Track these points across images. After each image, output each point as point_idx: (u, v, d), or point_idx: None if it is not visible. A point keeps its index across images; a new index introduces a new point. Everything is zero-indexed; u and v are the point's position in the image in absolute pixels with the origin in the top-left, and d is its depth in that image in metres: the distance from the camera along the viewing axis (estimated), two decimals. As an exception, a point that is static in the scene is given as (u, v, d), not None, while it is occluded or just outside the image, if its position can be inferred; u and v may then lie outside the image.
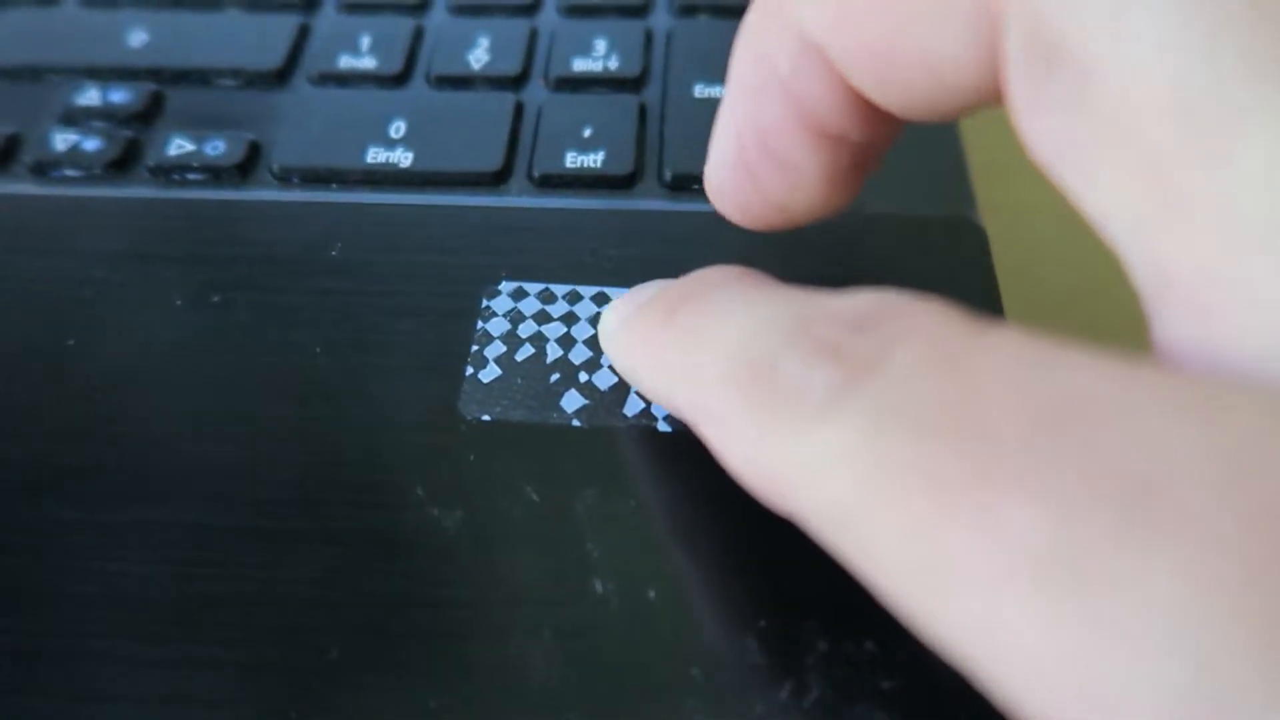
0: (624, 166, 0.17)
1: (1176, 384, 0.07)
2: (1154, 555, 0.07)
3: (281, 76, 0.20)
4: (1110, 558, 0.07)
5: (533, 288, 0.16)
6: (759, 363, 0.10)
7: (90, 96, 0.19)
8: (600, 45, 0.20)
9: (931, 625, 0.08)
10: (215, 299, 0.16)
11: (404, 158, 0.18)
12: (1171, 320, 0.08)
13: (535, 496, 0.13)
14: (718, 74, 0.18)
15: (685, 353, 0.11)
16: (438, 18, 0.21)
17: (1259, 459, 0.07)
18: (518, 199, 0.17)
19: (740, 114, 0.12)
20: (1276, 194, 0.07)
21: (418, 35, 0.20)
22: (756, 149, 0.12)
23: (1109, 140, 0.08)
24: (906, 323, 0.09)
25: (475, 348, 0.15)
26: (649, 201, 0.17)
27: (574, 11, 0.21)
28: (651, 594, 0.12)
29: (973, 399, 0.08)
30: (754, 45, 0.12)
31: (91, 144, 0.18)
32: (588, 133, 0.18)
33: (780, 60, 0.11)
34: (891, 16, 0.10)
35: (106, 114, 0.19)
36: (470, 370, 0.15)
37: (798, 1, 0.11)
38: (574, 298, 0.15)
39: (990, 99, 0.10)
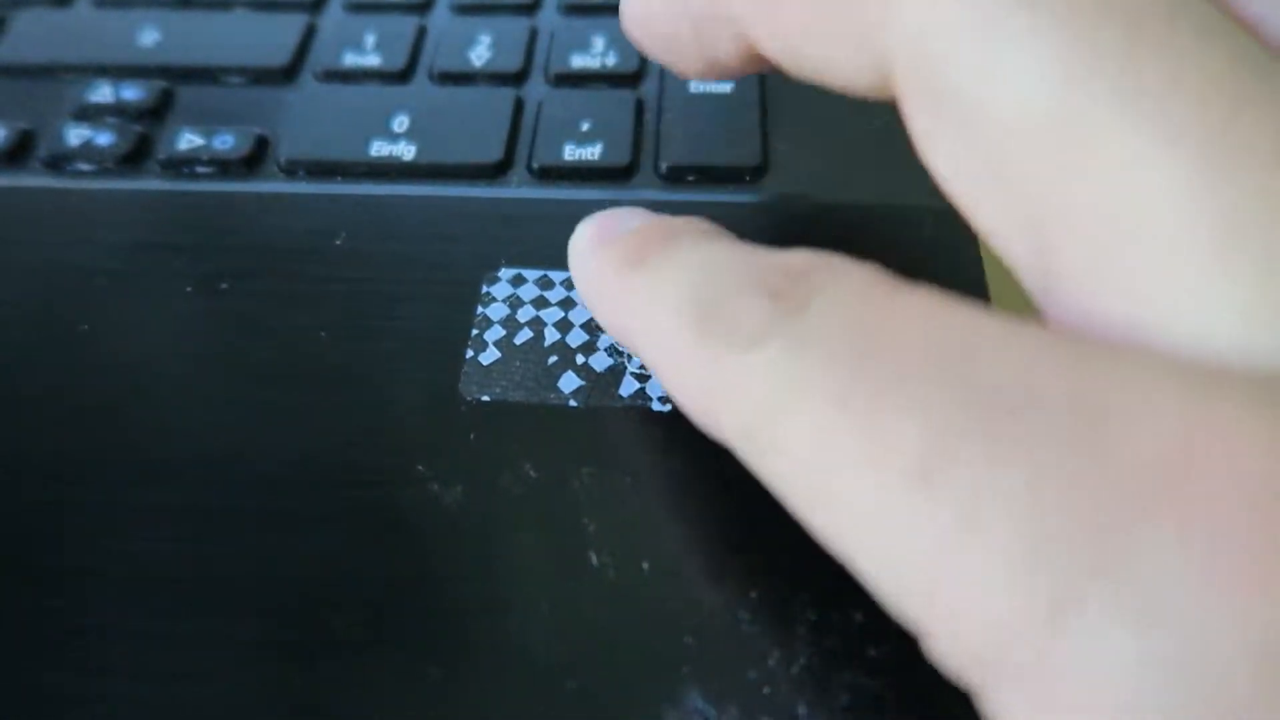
0: (621, 158, 0.18)
1: (1055, 339, 0.09)
2: (1002, 462, 0.08)
3: (288, 74, 0.20)
4: (965, 463, 0.08)
5: (531, 274, 0.16)
6: (709, 302, 0.11)
7: (103, 93, 0.20)
8: (599, 42, 0.20)
9: (824, 529, 0.09)
10: (224, 287, 0.16)
11: (407, 151, 0.18)
12: (1058, 307, 0.10)
13: (533, 474, 0.14)
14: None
15: (648, 291, 0.12)
16: (440, 16, 0.21)
17: (1094, 395, 0.08)
18: (518, 190, 0.18)
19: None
20: (1146, 209, 0.09)
21: (421, 33, 0.21)
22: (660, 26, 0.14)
23: (994, 161, 0.10)
24: (837, 274, 0.10)
25: (475, 332, 0.15)
26: (645, 192, 0.18)
27: (573, 10, 0.21)
28: (646, 566, 0.13)
29: (876, 335, 0.09)
30: None
31: (104, 139, 0.19)
32: (586, 126, 0.19)
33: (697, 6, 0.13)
34: (804, 28, 0.11)
35: (118, 110, 0.19)
36: (470, 353, 0.15)
37: None
38: (571, 284, 0.16)
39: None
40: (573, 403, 0.14)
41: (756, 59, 0.13)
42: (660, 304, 0.11)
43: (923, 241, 0.17)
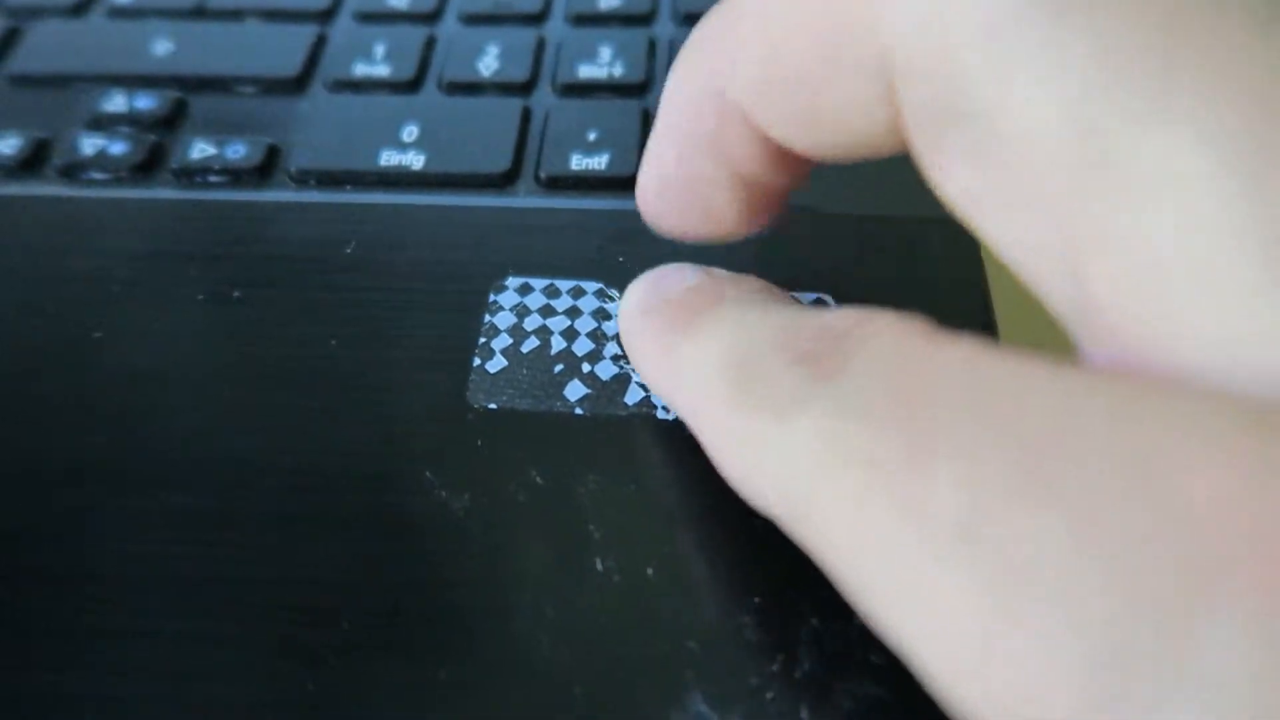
0: (628, 169, 0.18)
1: (1101, 382, 0.08)
2: (1049, 525, 0.07)
3: (299, 83, 0.20)
4: (1007, 524, 0.07)
5: (538, 283, 0.16)
6: (746, 370, 0.11)
7: (117, 103, 0.20)
8: (605, 53, 0.20)
9: (870, 604, 0.09)
10: (235, 295, 0.16)
11: (416, 160, 0.18)
12: (1097, 345, 0.09)
13: (539, 481, 0.14)
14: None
15: (689, 359, 0.12)
16: (449, 27, 0.21)
17: (1148, 445, 0.07)
18: (525, 199, 0.18)
19: (669, 152, 0.13)
20: (1185, 222, 0.08)
21: (430, 44, 0.21)
22: (679, 183, 0.13)
23: (1014, 187, 0.09)
24: (877, 331, 0.10)
25: (482, 340, 0.16)
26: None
27: (581, 20, 0.21)
28: (650, 572, 0.13)
29: (914, 392, 0.09)
30: (685, 93, 0.13)
31: (118, 148, 0.19)
32: (593, 136, 0.19)
33: (707, 117, 0.12)
34: (809, 80, 0.11)
35: (132, 119, 0.20)
36: (478, 361, 0.15)
37: (722, 67, 0.12)
38: (578, 293, 0.16)
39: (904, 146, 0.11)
40: (579, 411, 0.15)
41: (774, 160, 0.12)
42: (700, 372, 0.11)
43: (928, 255, 0.17)
